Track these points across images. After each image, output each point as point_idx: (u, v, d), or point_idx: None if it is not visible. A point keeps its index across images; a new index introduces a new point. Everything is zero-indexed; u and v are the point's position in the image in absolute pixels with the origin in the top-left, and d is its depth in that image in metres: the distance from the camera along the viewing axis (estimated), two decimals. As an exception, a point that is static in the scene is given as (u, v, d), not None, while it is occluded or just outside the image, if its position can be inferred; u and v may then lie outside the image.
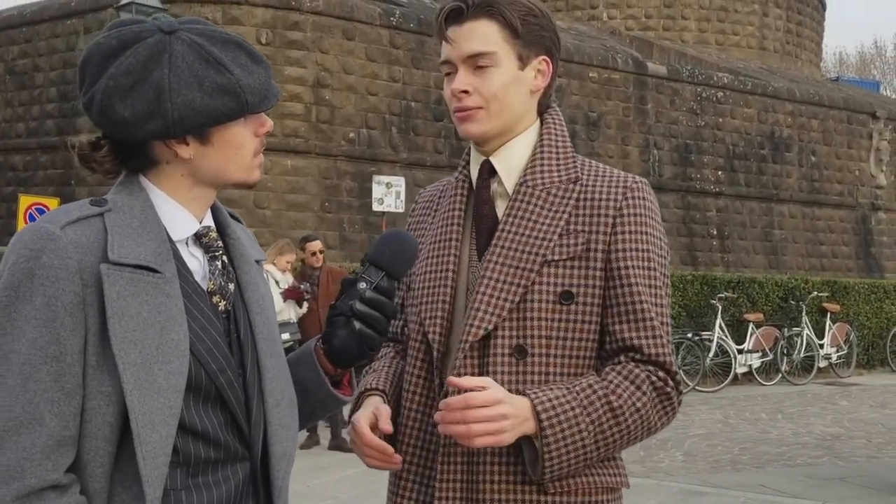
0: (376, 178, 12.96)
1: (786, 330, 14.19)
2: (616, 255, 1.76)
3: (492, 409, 1.63)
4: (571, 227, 1.78)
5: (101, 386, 1.43)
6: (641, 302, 1.75)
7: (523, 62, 1.82)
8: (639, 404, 1.71)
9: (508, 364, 1.76)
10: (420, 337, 1.86)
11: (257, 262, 1.75)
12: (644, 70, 18.69)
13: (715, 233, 19.47)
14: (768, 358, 13.88)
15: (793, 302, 14.80)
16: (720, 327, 13.21)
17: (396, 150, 15.32)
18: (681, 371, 12.56)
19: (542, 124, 1.89)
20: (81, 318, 1.43)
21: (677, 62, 20.61)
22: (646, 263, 1.77)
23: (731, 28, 24.63)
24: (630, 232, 1.77)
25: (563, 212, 1.79)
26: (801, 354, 14.35)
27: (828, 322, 14.99)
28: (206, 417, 1.54)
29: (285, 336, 7.38)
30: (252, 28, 14.32)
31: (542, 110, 1.90)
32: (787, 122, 20.63)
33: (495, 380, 1.74)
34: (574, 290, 1.76)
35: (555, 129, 1.89)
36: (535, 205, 1.81)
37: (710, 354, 12.99)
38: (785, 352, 14.11)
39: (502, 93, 1.80)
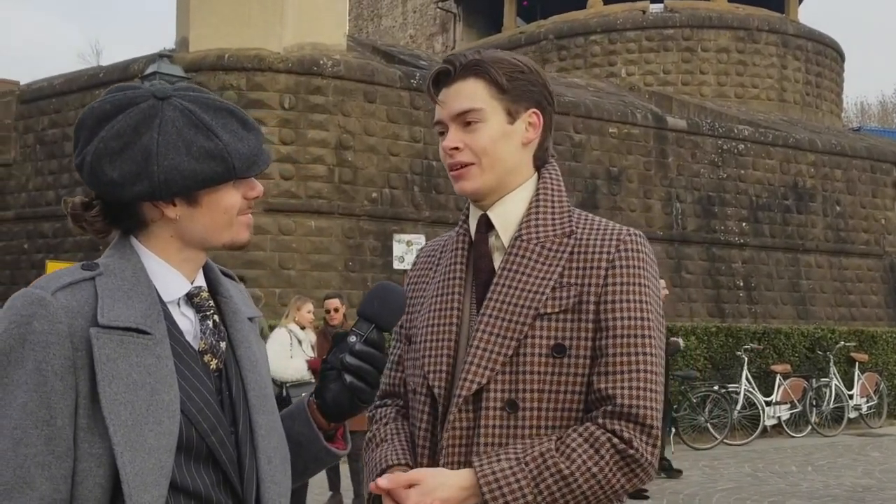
0: (397, 236, 13.07)
1: (814, 381, 14.00)
2: (605, 306, 1.76)
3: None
4: (564, 280, 1.79)
5: (92, 448, 1.45)
6: (622, 354, 1.74)
7: (512, 116, 1.85)
8: (595, 469, 1.68)
9: (500, 418, 1.76)
10: (425, 390, 1.87)
11: (250, 319, 1.77)
12: (664, 124, 18.76)
13: (741, 284, 19.32)
14: (797, 409, 13.67)
15: (820, 352, 14.62)
16: (747, 379, 13.06)
17: (419, 209, 15.43)
18: (708, 424, 12.41)
19: (539, 179, 1.91)
20: (72, 381, 1.45)
21: (697, 116, 20.68)
22: (636, 314, 1.76)
23: (749, 81, 24.69)
24: (621, 283, 1.77)
25: (557, 265, 1.80)
26: (831, 405, 14.13)
27: (856, 372, 14.77)
28: (199, 476, 1.55)
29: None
30: (275, 93, 14.57)
31: (540, 165, 1.92)
32: (809, 173, 20.55)
33: (487, 433, 1.76)
34: (566, 343, 1.76)
35: (551, 183, 1.91)
36: (530, 258, 1.82)
37: (738, 407, 12.82)
38: (814, 403, 13.89)
39: (491, 147, 1.83)
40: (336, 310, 8.33)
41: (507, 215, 1.88)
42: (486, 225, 1.89)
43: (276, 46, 14.75)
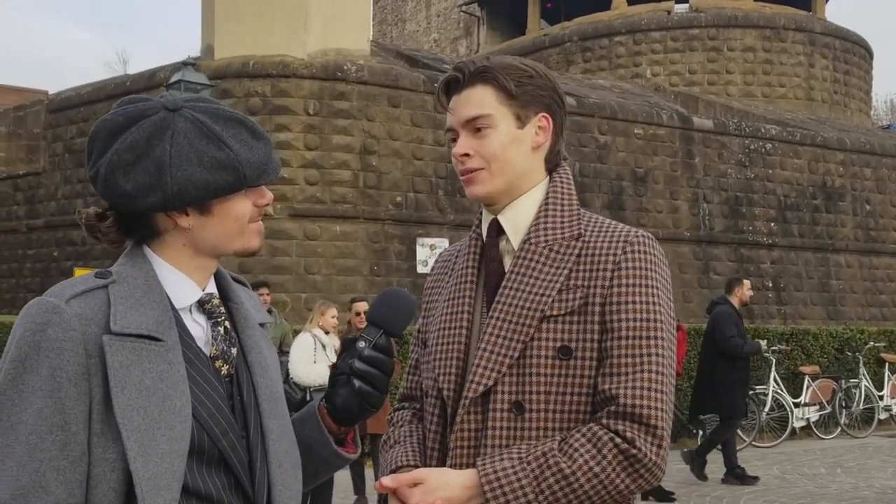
0: (420, 240, 13.12)
1: (843, 382, 13.85)
2: (610, 308, 1.77)
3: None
4: (571, 282, 1.80)
5: (105, 453, 1.48)
6: (627, 355, 1.74)
7: (522, 121, 1.87)
8: (597, 469, 1.69)
9: (507, 419, 1.78)
10: (435, 393, 1.89)
11: (262, 325, 1.79)
12: (690, 125, 18.68)
13: (770, 285, 19.19)
14: (826, 411, 13.54)
15: (849, 353, 14.47)
16: (775, 381, 12.95)
17: (443, 213, 15.46)
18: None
19: (550, 182, 1.92)
20: (86, 387, 1.48)
21: (723, 116, 20.57)
22: (642, 315, 1.76)
23: (777, 80, 24.52)
24: (627, 285, 1.77)
25: (564, 268, 1.81)
26: (861, 406, 13.98)
27: (886, 373, 14.60)
28: (210, 480, 1.58)
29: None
30: (300, 99, 14.65)
31: (552, 168, 1.93)
32: (838, 172, 20.39)
33: (494, 435, 1.78)
34: (572, 345, 1.77)
35: (561, 186, 1.92)
36: (538, 261, 1.83)
37: (766, 409, 12.72)
38: (843, 404, 13.76)
39: (501, 152, 1.85)
40: (365, 313, 8.33)
41: (518, 219, 1.89)
42: (497, 229, 1.91)
43: (301, 53, 14.85)
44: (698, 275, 18.22)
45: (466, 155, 1.86)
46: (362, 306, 8.39)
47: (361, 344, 1.79)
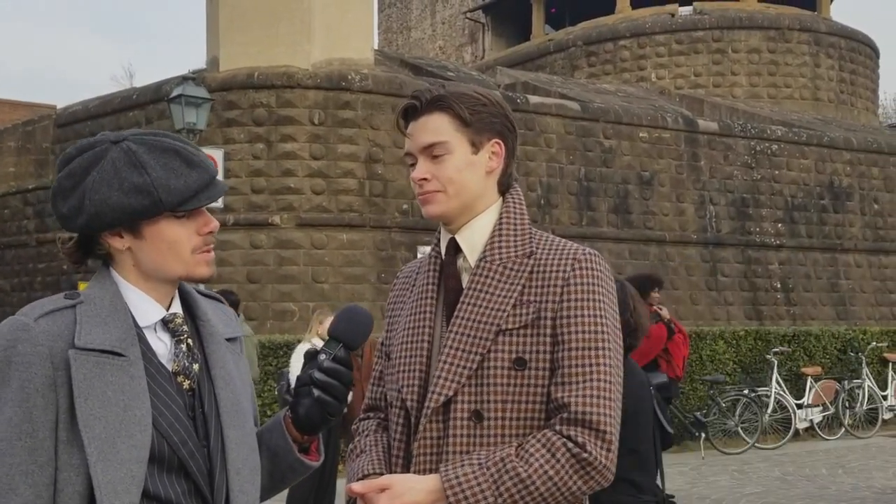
0: (420, 248, 13.26)
1: (846, 382, 13.87)
2: (561, 321, 1.89)
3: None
4: (524, 297, 1.92)
5: (71, 459, 1.61)
6: (577, 366, 1.86)
7: (476, 147, 1.98)
8: (551, 472, 1.80)
9: (467, 427, 1.90)
10: (399, 403, 2.00)
11: (230, 339, 1.92)
12: (695, 127, 18.73)
13: (779, 286, 19.20)
14: (829, 412, 13.57)
15: (852, 353, 14.48)
16: (777, 382, 12.98)
17: (448, 220, 15.56)
18: (739, 428, 12.37)
19: (503, 203, 2.04)
20: (53, 398, 1.62)
21: (729, 118, 20.61)
22: (591, 328, 1.88)
23: (782, 81, 24.54)
24: (576, 300, 1.90)
25: (518, 284, 1.93)
26: (864, 407, 13.98)
27: (890, 373, 14.60)
28: (170, 485, 1.70)
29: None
30: (305, 109, 14.79)
31: (504, 190, 2.06)
32: (846, 172, 20.38)
33: (455, 442, 1.90)
34: (526, 356, 1.89)
35: (514, 207, 2.04)
36: (493, 278, 1.95)
37: (769, 410, 12.76)
38: (847, 405, 13.76)
39: (458, 176, 1.97)
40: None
41: (473, 238, 2.02)
42: (454, 247, 2.03)
43: (305, 63, 15.00)
44: (706, 277, 18.26)
45: (425, 179, 1.98)
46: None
47: (322, 356, 1.91)
